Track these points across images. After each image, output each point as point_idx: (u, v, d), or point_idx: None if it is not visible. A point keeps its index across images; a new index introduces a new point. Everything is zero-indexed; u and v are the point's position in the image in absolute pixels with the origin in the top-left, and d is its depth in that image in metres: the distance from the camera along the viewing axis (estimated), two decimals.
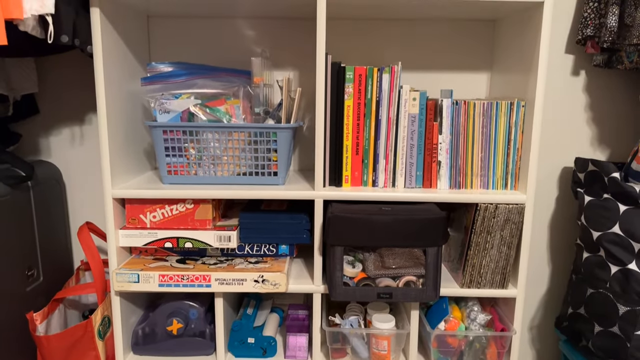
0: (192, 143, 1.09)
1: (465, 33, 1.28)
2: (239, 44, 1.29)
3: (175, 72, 1.12)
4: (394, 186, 1.12)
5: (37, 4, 0.85)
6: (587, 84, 1.31)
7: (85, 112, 1.33)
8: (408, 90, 1.08)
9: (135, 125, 1.19)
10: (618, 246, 1.10)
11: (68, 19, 0.96)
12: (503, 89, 1.21)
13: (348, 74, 1.07)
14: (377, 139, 1.10)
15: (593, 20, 1.19)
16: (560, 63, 1.30)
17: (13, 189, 1.10)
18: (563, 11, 1.28)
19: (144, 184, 1.11)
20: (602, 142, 1.34)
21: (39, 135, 1.33)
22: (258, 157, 1.11)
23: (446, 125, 1.09)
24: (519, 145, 1.09)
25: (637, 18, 1.06)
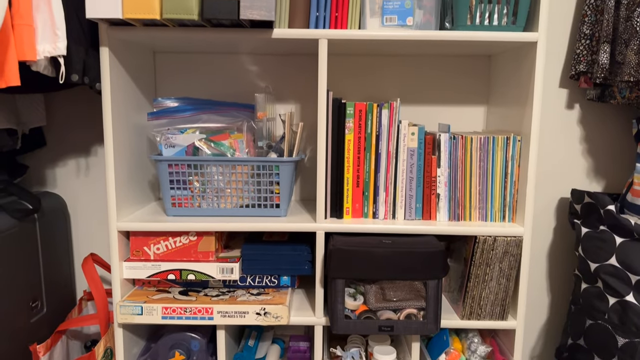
0: (197, 176, 1.12)
1: (461, 68, 1.32)
2: (243, 78, 1.32)
3: (181, 107, 1.15)
4: (394, 218, 1.14)
5: (50, 46, 0.89)
6: (582, 117, 1.34)
7: (91, 143, 1.36)
8: (407, 125, 1.11)
9: (141, 158, 1.21)
10: (615, 278, 1.11)
11: (78, 58, 0.99)
12: (499, 122, 1.24)
13: (349, 109, 1.11)
14: (377, 171, 1.13)
15: (585, 57, 1.23)
16: (555, 97, 1.34)
17: (20, 222, 1.12)
18: (556, 47, 1.32)
19: (148, 216, 1.13)
20: (597, 174, 1.37)
21: (45, 167, 1.36)
22: (261, 189, 1.13)
23: (444, 159, 1.11)
24: (516, 178, 1.11)
25: (628, 56, 1.10)
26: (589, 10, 1.22)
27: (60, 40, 0.89)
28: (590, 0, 1.22)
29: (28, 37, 0.86)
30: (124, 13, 0.93)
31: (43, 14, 0.89)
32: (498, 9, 1.04)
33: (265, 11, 0.94)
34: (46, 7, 0.89)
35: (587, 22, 1.23)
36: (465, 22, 1.04)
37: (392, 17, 1.10)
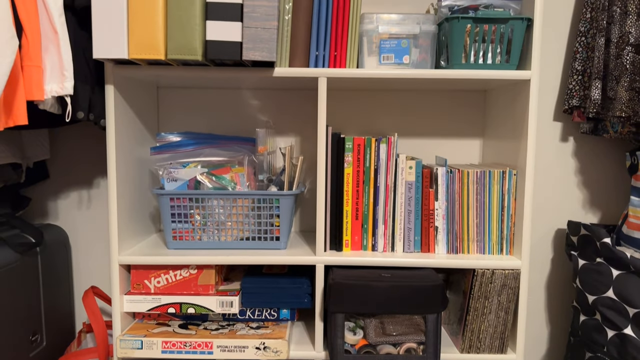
0: (198, 209, 1.13)
1: (457, 102, 1.35)
2: (244, 112, 1.35)
3: (184, 142, 1.17)
4: (393, 250, 1.15)
5: (57, 86, 0.92)
6: (576, 150, 1.37)
7: (93, 176, 1.38)
8: (404, 159, 1.13)
9: (142, 190, 1.23)
10: (613, 311, 1.12)
11: (84, 96, 1.02)
12: (495, 154, 1.27)
13: (347, 144, 1.13)
14: (375, 204, 1.14)
15: (578, 92, 1.27)
16: (550, 130, 1.36)
17: (22, 255, 1.13)
18: (550, 81, 1.35)
19: (149, 250, 1.14)
20: (593, 205, 1.38)
21: (47, 199, 1.37)
22: (261, 222, 1.14)
23: (442, 192, 1.13)
24: (513, 212, 1.13)
25: (619, 92, 1.13)
26: (580, 48, 1.26)
27: (68, 81, 0.92)
28: (581, 38, 1.26)
29: (37, 77, 0.89)
30: (130, 53, 0.96)
31: (52, 55, 0.92)
32: (492, 48, 1.08)
33: (266, 52, 0.97)
34: (55, 49, 0.92)
35: (578, 59, 1.26)
36: (460, 60, 1.08)
37: (389, 55, 1.13)
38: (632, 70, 1.12)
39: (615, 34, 1.17)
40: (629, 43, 1.11)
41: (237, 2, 0.96)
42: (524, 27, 1.06)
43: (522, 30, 1.06)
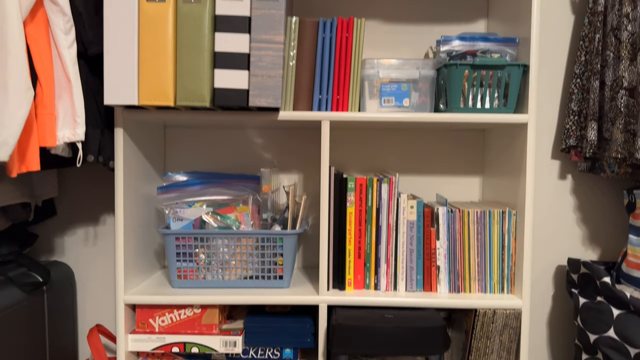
0: (203, 248, 1.15)
1: (457, 141, 1.38)
2: (249, 150, 1.38)
3: (190, 182, 1.20)
4: (395, 289, 1.16)
5: (69, 132, 0.95)
6: (574, 187, 1.39)
7: (99, 212, 1.40)
8: (406, 198, 1.15)
9: (148, 228, 1.25)
10: (615, 350, 1.12)
11: (94, 139, 1.05)
12: (495, 192, 1.29)
13: (350, 183, 1.15)
14: (378, 243, 1.16)
15: (575, 131, 1.30)
16: (548, 167, 1.39)
17: (29, 295, 1.14)
18: (547, 120, 1.39)
19: (154, 288, 1.16)
20: (592, 241, 1.40)
21: (54, 235, 1.39)
22: (265, 261, 1.16)
23: (443, 232, 1.15)
24: (513, 251, 1.15)
25: (615, 134, 1.16)
26: (576, 89, 1.30)
27: (79, 127, 0.95)
28: (576, 80, 1.29)
29: (50, 125, 0.92)
30: (140, 100, 0.99)
31: (65, 103, 0.96)
32: (489, 92, 1.11)
33: (272, 99, 1.01)
34: (68, 96, 0.95)
35: (574, 100, 1.30)
36: (458, 104, 1.11)
37: (390, 98, 1.17)
38: (626, 113, 1.15)
39: (610, 77, 1.20)
40: (623, 87, 1.15)
41: (244, 52, 1.00)
42: (520, 72, 1.09)
43: (518, 76, 1.09)
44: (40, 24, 0.93)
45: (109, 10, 0.98)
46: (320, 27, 1.12)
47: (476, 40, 1.16)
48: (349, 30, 1.12)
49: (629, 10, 1.14)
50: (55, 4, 0.94)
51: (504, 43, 1.16)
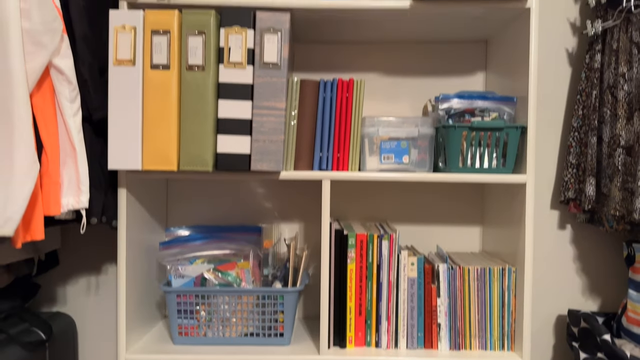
0: (204, 305, 1.16)
1: (457, 194, 1.39)
2: (251, 200, 1.39)
3: (191, 237, 1.21)
4: (396, 347, 1.16)
5: (73, 199, 0.96)
6: (574, 237, 1.40)
7: (101, 262, 1.41)
8: (406, 255, 1.16)
9: (150, 280, 1.26)
10: None
11: (98, 202, 1.06)
12: (495, 243, 1.29)
13: (350, 240, 1.16)
14: (379, 300, 1.17)
15: (573, 184, 1.31)
16: (547, 218, 1.40)
17: (30, 352, 1.15)
18: (546, 172, 1.40)
19: (155, 345, 1.16)
20: (593, 291, 1.40)
21: (56, 285, 1.40)
22: (265, 318, 1.16)
23: (444, 289, 1.16)
24: (513, 308, 1.15)
25: (612, 191, 1.17)
26: (574, 142, 1.31)
27: (84, 195, 0.97)
28: (574, 133, 1.31)
29: (54, 194, 0.93)
30: (144, 165, 1.01)
31: (69, 170, 0.97)
32: (488, 152, 1.13)
33: (274, 164, 1.02)
34: (73, 163, 0.97)
35: (572, 153, 1.31)
36: (457, 164, 1.12)
37: (390, 155, 1.18)
38: (624, 171, 1.16)
39: (607, 134, 1.22)
40: (620, 145, 1.16)
41: (247, 118, 1.02)
42: (518, 134, 1.11)
43: (516, 137, 1.11)
44: (46, 93, 0.95)
45: (114, 78, 1.00)
46: (321, 87, 1.14)
47: (474, 99, 1.18)
48: (349, 91, 1.14)
49: (624, 70, 1.16)
50: (62, 73, 0.96)
51: (502, 102, 1.17)
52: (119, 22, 1.00)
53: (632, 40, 1.14)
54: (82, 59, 1.01)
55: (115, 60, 0.99)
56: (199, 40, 1.00)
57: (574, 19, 1.39)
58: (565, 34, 1.39)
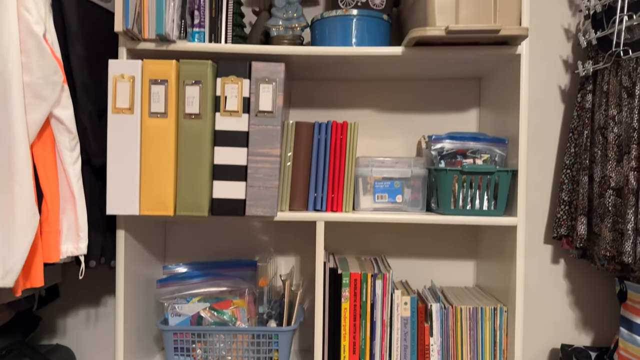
0: (200, 343, 1.18)
1: (450, 229, 1.41)
2: (246, 234, 1.41)
3: (188, 274, 1.23)
4: None
5: (72, 246, 0.99)
6: (567, 272, 1.41)
7: (101, 295, 1.43)
8: (400, 295, 1.18)
9: (148, 314, 1.28)
10: None
11: (97, 244, 1.09)
12: (488, 278, 1.31)
13: (344, 279, 1.18)
14: (372, 339, 1.18)
15: (565, 221, 1.32)
16: (541, 252, 1.42)
17: None
18: (540, 207, 1.41)
19: None
20: (586, 325, 1.41)
21: (56, 317, 1.42)
22: (260, 357, 1.18)
23: (436, 328, 1.17)
24: (504, 347, 1.16)
25: (603, 232, 1.19)
26: (567, 179, 1.33)
27: (82, 241, 0.99)
28: (567, 171, 1.33)
29: (54, 241, 0.96)
30: (141, 211, 1.03)
31: (69, 216, 1.00)
32: (479, 194, 1.15)
33: (268, 209, 1.04)
34: (72, 209, 0.99)
35: (565, 190, 1.33)
36: (449, 206, 1.14)
37: (383, 195, 1.21)
38: (614, 212, 1.18)
39: (598, 173, 1.23)
40: (610, 186, 1.18)
41: (242, 165, 1.04)
42: (509, 177, 1.13)
43: (507, 180, 1.13)
44: (46, 142, 0.98)
45: (113, 125, 1.03)
46: (316, 129, 1.17)
47: (466, 140, 1.20)
48: (343, 133, 1.17)
49: (614, 113, 1.18)
50: (62, 123, 0.99)
51: (493, 143, 1.19)
52: (118, 72, 1.02)
53: (622, 84, 1.16)
54: (82, 107, 1.04)
55: (114, 108, 1.02)
56: (195, 89, 1.02)
57: (567, 56, 1.41)
58: (558, 71, 1.41)
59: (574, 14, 1.40)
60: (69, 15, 1.03)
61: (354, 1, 1.24)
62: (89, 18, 1.10)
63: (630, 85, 1.14)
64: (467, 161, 1.18)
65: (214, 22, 1.15)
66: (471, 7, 1.04)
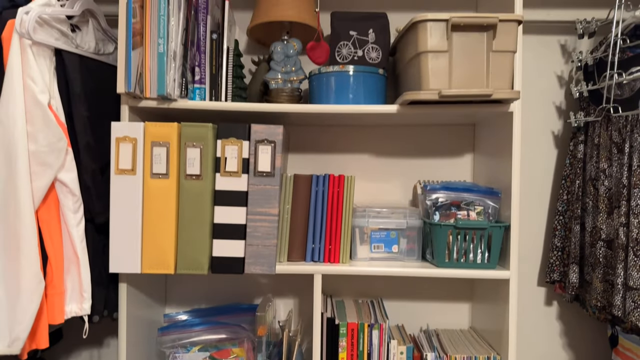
0: None
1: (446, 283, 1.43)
2: (246, 279, 1.44)
3: (189, 322, 1.26)
4: None
5: (76, 306, 1.01)
6: (560, 314, 1.44)
7: (103, 335, 1.46)
8: (396, 344, 1.21)
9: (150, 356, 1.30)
10: None
11: (100, 298, 1.11)
12: (483, 321, 1.33)
13: (342, 329, 1.21)
14: None
15: (558, 267, 1.35)
16: (534, 295, 1.44)
17: None
18: (534, 251, 1.44)
19: None
20: None
21: (60, 358, 1.45)
22: None
23: None
24: None
25: (594, 282, 1.22)
26: (559, 226, 1.35)
27: (86, 302, 1.02)
28: (559, 217, 1.35)
29: (59, 304, 0.99)
30: (143, 269, 1.06)
31: (72, 276, 1.02)
32: (473, 247, 1.17)
33: (267, 267, 1.07)
34: (76, 270, 1.02)
35: (557, 236, 1.36)
36: (443, 259, 1.17)
37: (379, 245, 1.24)
38: (604, 264, 1.20)
39: (589, 223, 1.26)
40: (601, 238, 1.21)
41: (241, 223, 1.07)
42: (502, 232, 1.16)
43: (500, 234, 1.16)
44: (51, 205, 1.01)
45: (116, 186, 1.06)
46: (314, 181, 1.19)
47: (460, 191, 1.23)
48: (340, 186, 1.20)
49: (605, 166, 1.21)
50: (65, 185, 1.02)
51: (486, 195, 1.22)
52: (121, 134, 1.05)
53: (612, 139, 1.19)
54: (85, 167, 1.07)
55: (117, 169, 1.05)
56: (196, 151, 1.05)
57: (560, 102, 1.44)
58: (551, 117, 1.44)
59: (566, 61, 1.43)
60: (72, 78, 1.06)
61: (350, 55, 1.27)
62: (91, 75, 1.13)
63: (620, 142, 1.17)
64: (461, 213, 1.20)
65: (215, 79, 1.18)
66: (464, 70, 1.07)
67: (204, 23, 1.17)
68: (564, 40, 1.43)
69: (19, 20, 0.95)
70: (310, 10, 1.28)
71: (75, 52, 1.08)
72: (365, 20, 1.27)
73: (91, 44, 1.17)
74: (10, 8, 1.04)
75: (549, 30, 1.43)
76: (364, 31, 1.27)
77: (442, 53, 1.07)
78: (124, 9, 1.07)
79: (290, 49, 1.27)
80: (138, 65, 1.10)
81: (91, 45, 1.17)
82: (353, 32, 1.27)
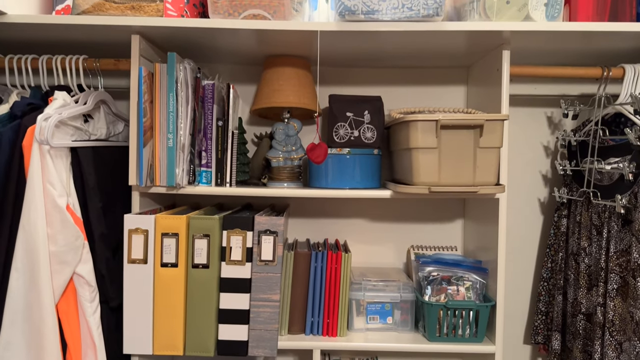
0: None
1: None
2: None
3: None
4: None
5: None
6: None
7: None
8: None
9: None
10: None
11: None
12: None
13: None
14: None
15: (542, 330, 1.43)
16: (521, 353, 1.53)
17: None
18: (520, 307, 1.53)
19: None
20: None
21: None
22: None
23: None
24: None
25: (575, 350, 1.30)
26: (544, 291, 1.44)
27: None
28: (544, 283, 1.44)
29: None
30: (154, 351, 1.14)
31: None
32: (462, 323, 1.26)
33: (269, 350, 1.15)
34: (93, 355, 1.10)
35: (542, 301, 1.44)
36: (434, 334, 1.25)
37: (375, 316, 1.32)
38: (584, 335, 1.29)
39: (571, 295, 1.34)
40: (581, 312, 1.29)
41: (245, 309, 1.15)
42: (488, 310, 1.24)
43: (486, 312, 1.24)
44: (69, 297, 1.08)
45: (129, 274, 1.13)
46: (313, 258, 1.27)
47: (450, 266, 1.31)
48: (337, 262, 1.27)
49: (585, 245, 1.29)
50: (82, 277, 1.09)
51: (475, 271, 1.30)
52: (133, 226, 1.13)
53: (592, 221, 1.27)
54: (100, 256, 1.14)
55: (129, 259, 1.12)
56: (204, 242, 1.13)
57: (546, 171, 1.52)
58: (538, 185, 1.52)
59: (552, 132, 1.51)
60: (86, 172, 1.13)
61: (347, 135, 1.34)
62: (103, 161, 1.19)
63: (599, 225, 1.25)
64: (451, 288, 1.29)
65: (220, 162, 1.26)
66: (452, 165, 1.15)
67: (210, 112, 1.24)
68: (551, 113, 1.51)
69: (38, 129, 1.02)
70: (310, 94, 1.36)
71: (89, 145, 1.15)
72: (361, 102, 1.34)
73: (103, 130, 1.24)
74: (30, 112, 1.11)
75: (536, 103, 1.51)
76: (359, 112, 1.34)
77: (431, 149, 1.14)
78: (135, 109, 1.14)
79: (291, 129, 1.34)
80: (149, 159, 1.17)
81: (103, 132, 1.24)
82: (349, 113, 1.34)
